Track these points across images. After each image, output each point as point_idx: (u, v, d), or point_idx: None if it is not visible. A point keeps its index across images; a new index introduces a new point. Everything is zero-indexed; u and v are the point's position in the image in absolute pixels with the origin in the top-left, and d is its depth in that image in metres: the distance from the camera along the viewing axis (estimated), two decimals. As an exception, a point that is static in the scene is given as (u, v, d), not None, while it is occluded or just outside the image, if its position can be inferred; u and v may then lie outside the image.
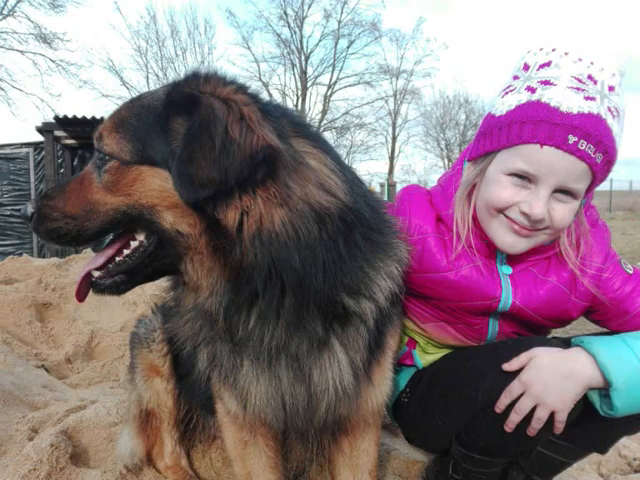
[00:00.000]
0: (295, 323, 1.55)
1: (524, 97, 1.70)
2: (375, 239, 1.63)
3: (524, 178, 1.73)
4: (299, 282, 1.47)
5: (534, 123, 1.65)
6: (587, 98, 1.62)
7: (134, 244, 1.59)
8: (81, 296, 1.66)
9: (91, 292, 1.67)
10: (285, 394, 1.67)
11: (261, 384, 1.67)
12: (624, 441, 2.88)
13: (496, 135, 1.76)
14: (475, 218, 1.91)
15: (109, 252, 1.64)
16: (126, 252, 1.59)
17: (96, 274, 1.63)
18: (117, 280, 1.60)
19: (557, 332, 3.25)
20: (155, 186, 1.46)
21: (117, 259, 1.61)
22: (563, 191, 1.71)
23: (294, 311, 1.52)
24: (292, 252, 1.44)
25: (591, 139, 1.61)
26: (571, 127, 1.61)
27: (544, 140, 1.64)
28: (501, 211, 1.80)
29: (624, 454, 2.93)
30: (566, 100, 1.62)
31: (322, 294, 1.52)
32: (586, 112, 1.61)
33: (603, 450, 2.05)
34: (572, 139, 1.61)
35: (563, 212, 1.74)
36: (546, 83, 1.67)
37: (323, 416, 1.74)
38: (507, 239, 1.82)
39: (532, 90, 1.69)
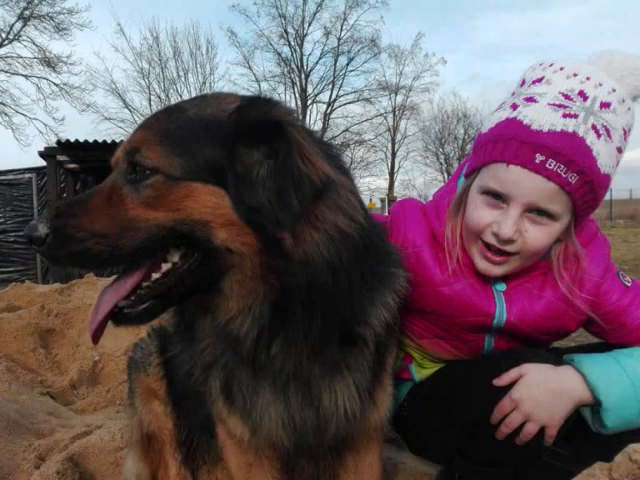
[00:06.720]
0: (316, 348, 1.54)
1: (505, 114, 1.67)
2: (379, 269, 1.64)
3: (498, 197, 1.69)
4: (330, 306, 1.48)
5: (504, 141, 1.62)
6: (565, 115, 1.56)
7: (166, 266, 1.47)
8: (98, 337, 1.47)
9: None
10: (295, 417, 1.66)
11: (274, 409, 1.66)
12: (635, 446, 2.86)
13: (478, 152, 1.75)
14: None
15: (135, 279, 1.47)
16: (155, 276, 1.47)
17: (122, 303, 1.46)
18: (148, 306, 1.47)
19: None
20: (210, 203, 1.39)
21: (144, 284, 1.47)
22: (539, 211, 1.65)
23: (319, 336, 1.51)
24: (327, 276, 1.43)
25: (560, 158, 1.55)
26: (539, 145, 1.56)
27: (510, 159, 1.60)
28: (478, 235, 1.77)
29: (635, 459, 2.90)
30: (539, 118, 1.58)
31: (346, 319, 1.54)
32: (558, 130, 1.55)
33: (608, 459, 2.04)
34: (539, 158, 1.56)
35: (536, 234, 1.68)
36: (529, 100, 1.63)
37: (331, 438, 1.74)
38: (481, 265, 1.81)
39: (515, 107, 1.65)
